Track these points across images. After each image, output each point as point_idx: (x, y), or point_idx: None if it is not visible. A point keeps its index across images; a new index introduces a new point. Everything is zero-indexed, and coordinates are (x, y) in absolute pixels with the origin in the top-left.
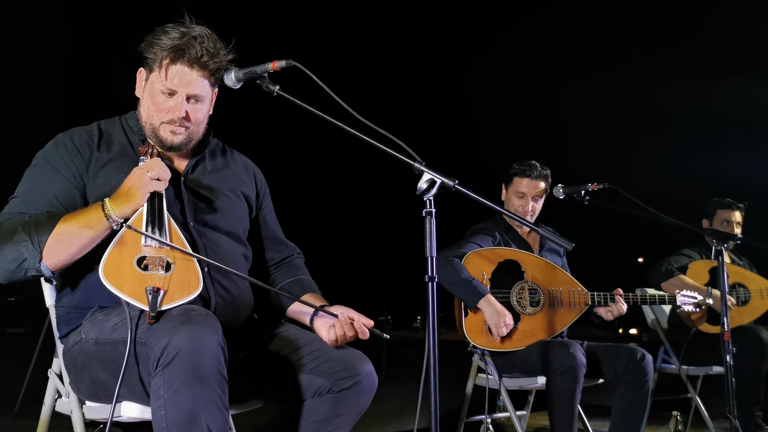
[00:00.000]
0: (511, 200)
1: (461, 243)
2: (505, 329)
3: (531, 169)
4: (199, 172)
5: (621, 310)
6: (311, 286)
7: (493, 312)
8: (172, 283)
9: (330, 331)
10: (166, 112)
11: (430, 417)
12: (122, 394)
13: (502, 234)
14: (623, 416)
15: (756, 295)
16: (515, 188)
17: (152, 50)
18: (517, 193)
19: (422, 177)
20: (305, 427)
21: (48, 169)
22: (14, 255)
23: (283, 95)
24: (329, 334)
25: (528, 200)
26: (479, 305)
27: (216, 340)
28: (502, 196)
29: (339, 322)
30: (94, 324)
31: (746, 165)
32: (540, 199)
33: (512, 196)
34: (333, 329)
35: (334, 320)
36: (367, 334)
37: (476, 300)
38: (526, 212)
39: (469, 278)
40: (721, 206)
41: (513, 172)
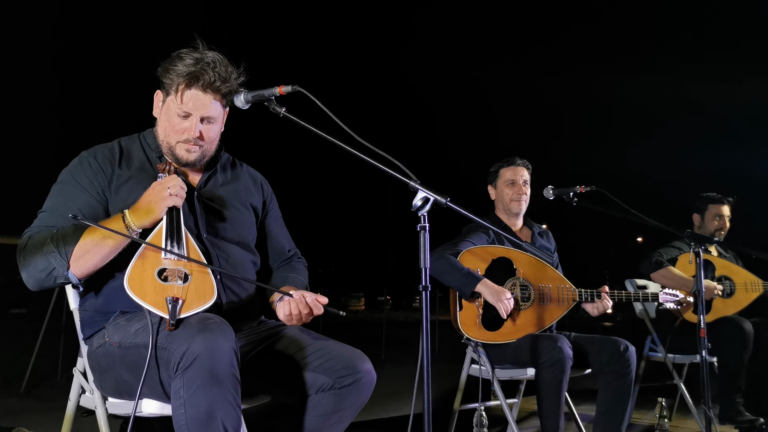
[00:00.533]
0: (503, 192)
1: (456, 241)
2: (508, 303)
3: (513, 159)
4: (211, 186)
5: (606, 307)
6: (294, 281)
7: (492, 292)
8: (189, 292)
9: (284, 307)
10: (182, 132)
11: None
12: (143, 392)
13: (496, 231)
14: (608, 405)
15: (741, 287)
16: (504, 179)
17: (169, 76)
18: (507, 182)
19: (417, 194)
20: (309, 420)
21: (73, 185)
22: (44, 265)
23: (289, 117)
24: (284, 310)
25: (520, 185)
26: (477, 289)
27: (230, 345)
28: (492, 196)
29: (293, 300)
30: (117, 329)
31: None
32: (527, 186)
33: (503, 187)
34: (287, 305)
35: (288, 299)
36: (321, 309)
37: (473, 285)
38: (521, 196)
39: (463, 268)
40: (713, 201)
41: (497, 168)
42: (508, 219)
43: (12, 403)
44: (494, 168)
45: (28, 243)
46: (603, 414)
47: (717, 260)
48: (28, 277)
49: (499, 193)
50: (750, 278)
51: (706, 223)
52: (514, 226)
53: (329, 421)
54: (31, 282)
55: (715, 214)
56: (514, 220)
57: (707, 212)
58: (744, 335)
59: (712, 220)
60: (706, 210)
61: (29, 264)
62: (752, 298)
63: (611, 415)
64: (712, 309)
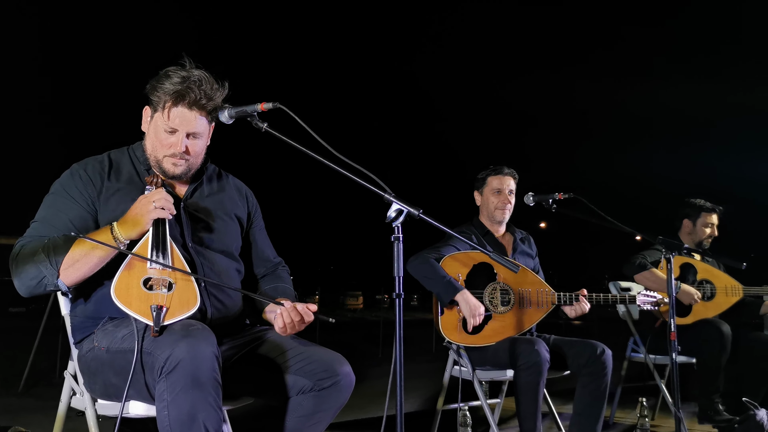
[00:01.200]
0: (489, 200)
1: (439, 246)
2: (478, 319)
3: (501, 168)
4: (197, 197)
5: (584, 309)
6: (285, 292)
7: (469, 306)
8: (173, 301)
9: (278, 319)
10: (169, 147)
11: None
12: (130, 395)
13: (478, 237)
14: (584, 406)
15: (721, 291)
16: (491, 187)
17: (156, 93)
18: (493, 191)
19: (391, 206)
20: (290, 421)
21: (64, 196)
22: (35, 273)
23: (270, 132)
24: (278, 322)
25: (505, 195)
26: (456, 299)
27: (211, 350)
28: (477, 201)
29: (285, 310)
30: (105, 334)
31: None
32: (512, 195)
33: (489, 195)
34: (280, 317)
35: (281, 309)
36: (311, 317)
37: (452, 295)
38: (506, 206)
39: (445, 276)
40: (705, 210)
41: (484, 175)
42: (491, 225)
43: (11, 402)
44: (482, 175)
45: (20, 252)
46: (579, 415)
47: (699, 264)
48: (20, 284)
49: (485, 200)
50: (731, 282)
51: (698, 231)
52: (496, 232)
53: (310, 422)
54: (23, 289)
55: (707, 223)
56: (496, 226)
57: (699, 220)
58: (722, 337)
59: (704, 228)
60: (698, 218)
61: (21, 272)
62: (732, 302)
63: (587, 417)
64: (693, 311)
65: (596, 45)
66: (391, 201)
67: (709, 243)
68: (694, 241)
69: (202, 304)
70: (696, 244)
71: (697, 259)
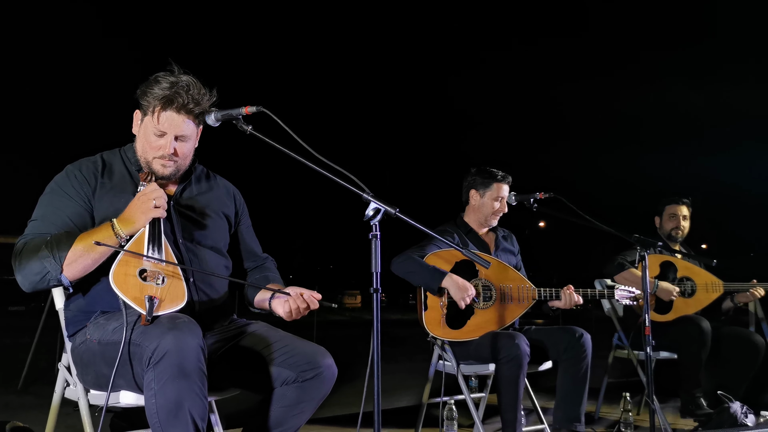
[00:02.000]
0: (488, 205)
1: (423, 244)
2: (468, 299)
3: (507, 177)
4: (187, 196)
5: (575, 300)
6: (275, 279)
7: (458, 286)
8: (165, 294)
9: (285, 305)
10: (158, 149)
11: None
12: (120, 385)
13: (461, 235)
14: (567, 390)
15: (702, 288)
16: (496, 193)
17: (146, 98)
18: (495, 197)
19: (369, 205)
20: (275, 411)
21: (61, 195)
22: (39, 269)
23: (255, 134)
24: (284, 308)
25: (504, 203)
26: (444, 284)
27: (197, 342)
28: (473, 200)
29: (291, 297)
30: (97, 327)
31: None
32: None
33: (490, 200)
34: (287, 303)
35: (287, 297)
36: (317, 304)
37: (439, 281)
38: (501, 213)
39: (428, 266)
40: (668, 202)
41: (490, 180)
42: (477, 225)
43: (11, 399)
44: (485, 177)
45: (23, 248)
46: (562, 399)
47: (679, 261)
48: (23, 279)
49: (483, 202)
50: (711, 279)
51: (664, 223)
52: (479, 231)
53: (293, 412)
54: (26, 284)
55: (670, 214)
56: (481, 226)
57: (664, 212)
58: (702, 333)
59: (668, 220)
60: (663, 211)
61: (24, 268)
62: (713, 298)
63: (570, 401)
64: (673, 308)
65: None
66: (369, 200)
67: (680, 235)
68: (663, 235)
69: (190, 297)
70: (666, 237)
71: (679, 257)
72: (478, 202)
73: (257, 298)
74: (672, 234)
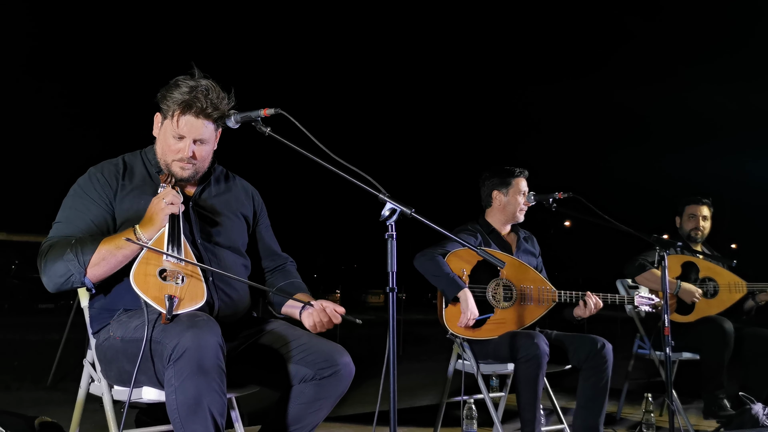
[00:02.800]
0: (515, 201)
1: (444, 242)
2: (462, 325)
3: (524, 170)
4: (206, 197)
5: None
6: (301, 287)
7: (466, 305)
8: (185, 293)
9: (309, 318)
10: (177, 152)
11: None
12: (142, 381)
13: (483, 235)
14: (587, 399)
15: (725, 288)
16: (518, 189)
17: (166, 102)
18: (519, 192)
19: (385, 206)
20: (293, 408)
21: (84, 198)
22: (63, 271)
23: (273, 136)
24: (309, 321)
25: (525, 197)
26: (459, 296)
27: (216, 340)
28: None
29: (315, 310)
30: (120, 324)
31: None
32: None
33: (516, 196)
34: (311, 316)
35: (312, 309)
36: (339, 319)
37: (455, 292)
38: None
39: (450, 273)
40: (688, 202)
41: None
42: (500, 225)
43: (40, 395)
44: (506, 176)
45: (48, 251)
46: (582, 408)
47: (701, 262)
48: (48, 281)
49: (509, 200)
50: (734, 279)
51: (683, 224)
52: (502, 231)
53: (310, 409)
54: (51, 285)
55: (690, 214)
56: (503, 225)
57: (684, 213)
58: (725, 334)
59: (688, 221)
60: (683, 211)
61: (49, 269)
62: (735, 299)
63: (590, 409)
64: (696, 309)
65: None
66: (385, 201)
67: (699, 235)
68: (682, 236)
69: (209, 298)
70: (685, 237)
71: (700, 257)
72: (503, 202)
73: (285, 308)
74: (691, 234)
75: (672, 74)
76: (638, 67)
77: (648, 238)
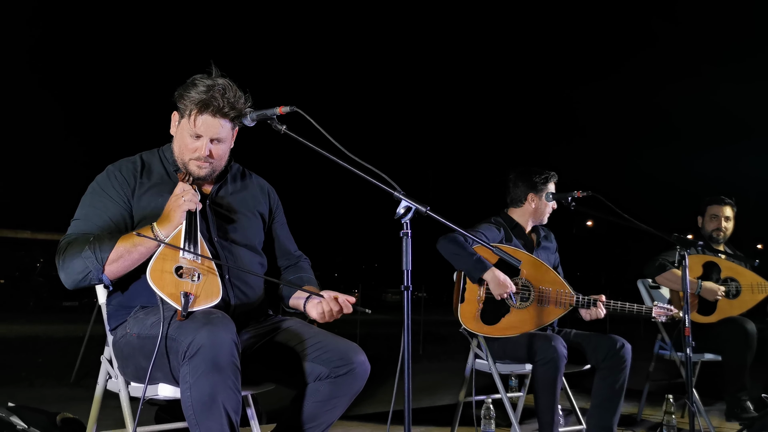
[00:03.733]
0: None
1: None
2: (505, 295)
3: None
4: (222, 194)
5: (599, 315)
6: (310, 281)
7: (497, 283)
8: (200, 290)
9: (317, 307)
10: (194, 151)
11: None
12: (158, 378)
13: (506, 230)
14: (602, 399)
15: (747, 289)
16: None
17: (183, 101)
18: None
19: (400, 204)
20: (308, 405)
21: (102, 196)
22: (81, 267)
23: (289, 134)
24: (317, 310)
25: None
26: (485, 276)
27: (230, 337)
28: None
29: (325, 300)
30: (136, 321)
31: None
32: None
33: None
34: (320, 305)
35: (320, 299)
36: (351, 308)
37: (481, 272)
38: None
39: (474, 253)
40: (711, 202)
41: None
42: (525, 221)
43: (64, 392)
44: (543, 181)
45: (67, 248)
46: (597, 407)
47: (723, 262)
48: (66, 277)
49: (541, 203)
50: (757, 280)
51: (705, 224)
52: (526, 228)
53: (326, 407)
54: (69, 282)
55: (712, 215)
56: (529, 223)
57: (706, 213)
58: (747, 335)
59: (710, 221)
60: (705, 211)
61: (68, 266)
62: (758, 299)
63: (605, 409)
64: (717, 309)
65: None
66: (400, 199)
67: (721, 236)
68: (704, 236)
69: (225, 295)
70: (707, 237)
71: (723, 257)
72: (536, 204)
73: (292, 300)
74: (713, 235)
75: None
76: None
77: (668, 237)
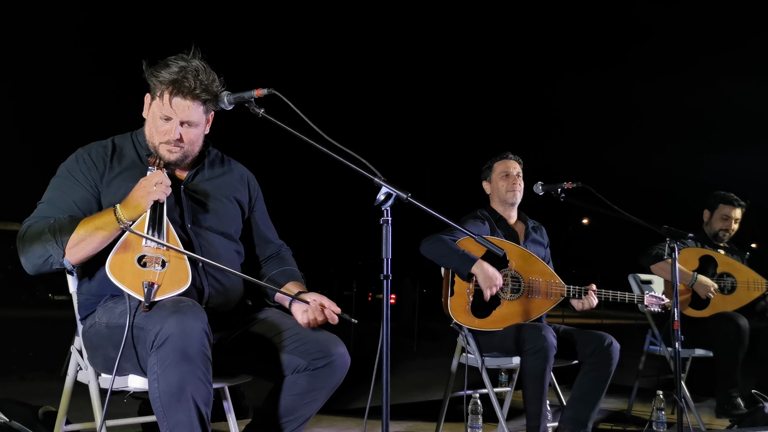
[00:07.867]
0: (498, 185)
1: (449, 230)
2: (495, 289)
3: (506, 154)
4: (198, 180)
5: (591, 304)
6: (294, 275)
7: (486, 276)
8: (165, 278)
9: (303, 315)
10: (164, 134)
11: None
12: (128, 368)
13: (491, 222)
14: (583, 392)
15: (743, 285)
16: (497, 172)
17: (154, 81)
18: (501, 174)
19: (380, 190)
20: (285, 399)
21: (69, 179)
22: (41, 252)
23: (267, 117)
24: (302, 318)
25: (513, 177)
26: (473, 270)
27: (200, 326)
28: (487, 190)
29: (311, 308)
30: (105, 310)
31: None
32: (520, 178)
33: (498, 180)
34: (306, 314)
35: (306, 306)
36: (336, 319)
37: (469, 267)
38: (515, 186)
39: (459, 250)
40: (725, 201)
41: (490, 163)
42: (504, 211)
43: (54, 386)
44: (487, 164)
45: (27, 231)
46: (576, 400)
47: (720, 257)
48: (26, 262)
49: (494, 186)
50: (754, 277)
51: (713, 221)
52: (509, 219)
53: (303, 400)
54: (29, 267)
55: (723, 215)
56: (509, 212)
57: (717, 211)
58: (739, 331)
59: (719, 220)
60: (717, 208)
61: (28, 251)
62: (753, 296)
63: (583, 402)
64: (711, 304)
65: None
66: (380, 185)
67: (726, 236)
68: (708, 233)
69: (199, 284)
70: (711, 235)
71: (722, 253)
72: (491, 189)
73: (278, 295)
74: (719, 234)
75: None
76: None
77: (658, 229)
